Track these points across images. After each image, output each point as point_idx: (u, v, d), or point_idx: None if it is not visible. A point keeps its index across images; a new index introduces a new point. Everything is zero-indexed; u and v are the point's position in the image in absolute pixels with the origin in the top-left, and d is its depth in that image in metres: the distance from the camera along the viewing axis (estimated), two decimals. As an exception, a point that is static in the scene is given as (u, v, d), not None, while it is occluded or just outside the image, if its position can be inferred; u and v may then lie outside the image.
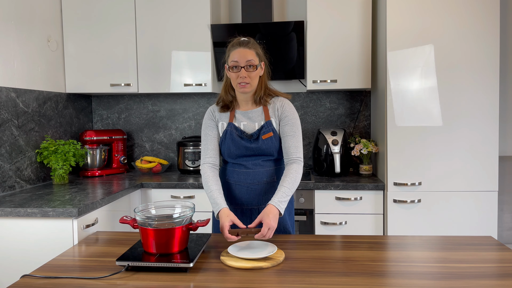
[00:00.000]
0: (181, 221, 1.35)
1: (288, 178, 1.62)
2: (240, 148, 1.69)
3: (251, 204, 1.73)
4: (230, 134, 1.70)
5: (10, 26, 2.31)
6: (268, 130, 1.68)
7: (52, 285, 1.19)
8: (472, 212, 2.38)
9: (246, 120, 1.72)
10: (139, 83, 2.82)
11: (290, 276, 1.23)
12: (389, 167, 2.41)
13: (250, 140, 1.68)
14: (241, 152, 1.70)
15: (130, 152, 3.22)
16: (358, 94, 3.01)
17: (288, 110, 1.71)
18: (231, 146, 1.70)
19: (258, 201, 1.72)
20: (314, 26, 2.67)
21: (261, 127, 1.68)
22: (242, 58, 1.62)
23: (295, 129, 1.69)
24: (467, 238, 1.56)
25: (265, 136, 1.67)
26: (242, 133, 1.69)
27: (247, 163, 1.71)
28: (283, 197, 1.57)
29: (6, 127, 2.26)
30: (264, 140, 1.67)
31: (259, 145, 1.67)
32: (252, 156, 1.71)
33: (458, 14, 2.33)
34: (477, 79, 2.34)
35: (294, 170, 1.64)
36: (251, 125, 1.71)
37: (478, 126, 2.36)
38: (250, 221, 1.71)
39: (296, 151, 1.68)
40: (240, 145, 1.69)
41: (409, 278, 1.20)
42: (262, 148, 1.68)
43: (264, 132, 1.67)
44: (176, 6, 2.76)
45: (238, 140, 1.69)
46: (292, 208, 1.83)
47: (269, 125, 1.69)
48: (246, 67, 1.62)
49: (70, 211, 1.78)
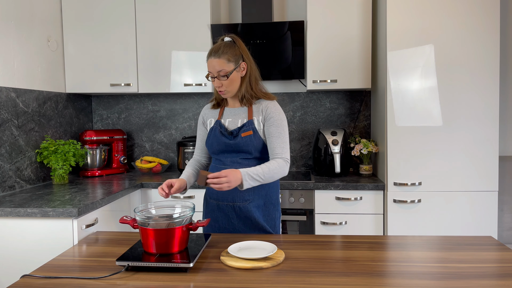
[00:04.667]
0: (181, 221, 1.35)
1: (268, 163, 1.65)
2: (220, 144, 1.75)
3: (226, 199, 1.76)
4: (214, 130, 1.78)
5: (10, 26, 2.31)
6: (249, 128, 1.72)
7: (52, 285, 1.19)
8: (472, 212, 2.38)
9: (231, 117, 1.78)
10: (139, 83, 2.82)
11: (290, 276, 1.23)
12: (389, 167, 2.41)
13: (229, 137, 1.73)
14: (221, 148, 1.75)
15: (130, 152, 3.22)
16: (358, 94, 3.01)
17: (274, 111, 1.73)
18: (213, 142, 1.77)
19: (233, 197, 1.75)
20: (314, 26, 2.67)
21: (242, 125, 1.73)
22: (212, 69, 1.68)
23: (281, 130, 1.72)
24: (467, 238, 1.56)
25: (245, 134, 1.71)
26: (225, 130, 1.75)
27: (226, 160, 1.76)
28: (253, 172, 1.59)
29: (6, 127, 2.26)
30: (243, 137, 1.71)
31: (237, 141, 1.71)
32: (232, 153, 1.75)
33: (458, 14, 2.33)
34: (477, 79, 2.34)
35: (277, 163, 1.66)
36: (235, 122, 1.76)
37: (478, 126, 2.36)
38: (228, 218, 1.77)
39: (282, 151, 1.70)
40: (220, 141, 1.75)
41: (409, 278, 1.20)
42: (240, 145, 1.72)
43: (244, 130, 1.72)
44: (176, 6, 2.76)
45: (219, 137, 1.75)
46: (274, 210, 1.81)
47: (250, 124, 1.72)
48: (219, 76, 1.68)
49: (70, 211, 1.78)
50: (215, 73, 1.68)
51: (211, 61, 1.68)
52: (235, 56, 1.69)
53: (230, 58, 1.67)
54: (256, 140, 1.72)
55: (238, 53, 1.70)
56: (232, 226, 1.77)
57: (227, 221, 1.78)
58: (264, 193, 1.77)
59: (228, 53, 1.67)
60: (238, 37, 1.75)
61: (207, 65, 1.70)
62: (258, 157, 1.76)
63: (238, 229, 1.77)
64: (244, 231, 1.77)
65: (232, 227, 1.77)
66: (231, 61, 1.67)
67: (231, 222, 1.77)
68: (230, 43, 1.72)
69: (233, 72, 1.68)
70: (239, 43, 1.73)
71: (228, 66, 1.67)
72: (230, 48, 1.69)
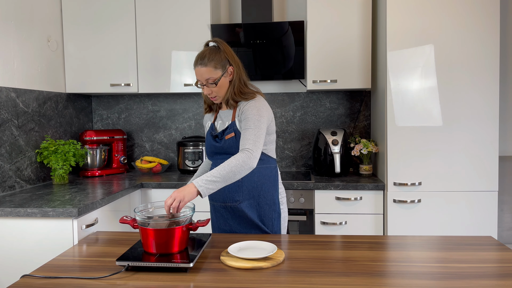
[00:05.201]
0: (181, 221, 1.35)
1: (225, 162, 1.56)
2: (211, 146, 1.80)
3: (218, 200, 1.79)
4: (208, 134, 1.83)
5: (10, 26, 2.31)
6: (231, 130, 1.73)
7: (52, 285, 1.19)
8: (472, 212, 2.38)
9: (222, 120, 1.82)
10: (139, 83, 2.82)
11: (290, 276, 1.23)
12: (389, 167, 2.41)
13: (216, 139, 1.78)
14: (211, 150, 1.80)
15: (130, 152, 3.22)
16: (358, 94, 3.01)
17: (248, 108, 1.69)
18: (207, 145, 1.84)
19: (223, 198, 1.77)
20: (314, 26, 2.67)
21: (226, 128, 1.76)
22: (201, 77, 1.69)
23: (250, 124, 1.65)
24: (467, 238, 1.56)
25: (228, 137, 1.73)
26: (214, 133, 1.80)
27: (216, 161, 1.79)
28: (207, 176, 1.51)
29: (6, 127, 2.26)
30: (227, 140, 1.73)
31: (222, 144, 1.75)
32: (219, 155, 1.78)
33: (458, 14, 2.33)
34: (477, 79, 2.34)
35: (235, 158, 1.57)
36: (223, 124, 1.80)
37: (478, 126, 2.36)
38: (224, 219, 1.80)
39: (245, 142, 1.62)
40: (210, 143, 1.80)
41: (409, 278, 1.20)
42: (224, 147, 1.75)
43: (227, 132, 1.74)
44: (176, 6, 2.76)
45: (210, 140, 1.80)
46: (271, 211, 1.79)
47: (233, 126, 1.74)
48: (207, 84, 1.69)
49: (70, 211, 1.78)
50: (203, 81, 1.68)
51: (198, 69, 1.68)
52: (221, 61, 1.68)
53: (217, 65, 1.67)
54: (239, 141, 1.70)
55: (223, 58, 1.68)
56: (229, 226, 1.79)
57: (224, 222, 1.80)
58: (257, 194, 1.75)
59: (214, 60, 1.66)
60: (223, 40, 1.75)
61: (195, 73, 1.70)
62: None
63: (234, 230, 1.78)
64: (240, 232, 1.77)
65: (229, 227, 1.79)
66: (218, 68, 1.67)
67: (227, 223, 1.79)
68: (215, 48, 1.70)
69: (221, 78, 1.68)
70: (224, 47, 1.71)
71: (216, 73, 1.67)
72: (216, 54, 1.68)
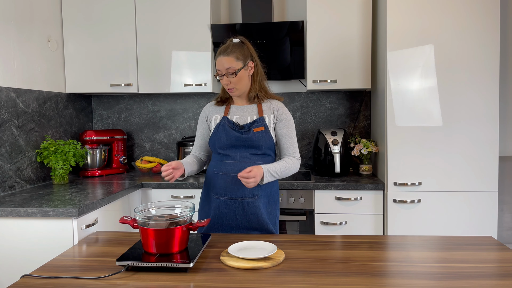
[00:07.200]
0: (181, 221, 1.35)
1: (284, 161, 1.77)
2: (231, 138, 1.77)
3: (235, 195, 1.77)
4: (223, 126, 1.80)
5: (10, 26, 2.31)
6: (260, 124, 1.77)
7: (52, 285, 1.19)
8: (472, 212, 2.38)
9: (239, 114, 1.82)
10: (139, 83, 2.82)
11: (290, 276, 1.23)
12: (389, 167, 2.41)
13: (241, 131, 1.77)
14: (231, 142, 1.78)
15: (130, 152, 3.22)
16: (358, 94, 3.01)
17: (285, 112, 1.84)
18: (222, 136, 1.79)
19: (242, 192, 1.77)
20: (314, 26, 2.67)
21: (253, 121, 1.78)
22: (221, 67, 1.74)
23: (292, 131, 1.84)
24: (467, 238, 1.56)
25: (257, 129, 1.76)
26: (235, 125, 1.79)
27: (235, 155, 1.79)
28: (272, 168, 1.71)
29: (6, 127, 2.26)
30: (255, 132, 1.76)
31: (250, 136, 1.76)
32: (241, 148, 1.78)
33: (458, 14, 2.33)
34: (477, 79, 2.34)
35: (291, 161, 1.80)
36: (243, 118, 1.81)
37: (478, 126, 2.36)
38: (234, 214, 1.77)
39: (294, 150, 1.84)
40: (231, 135, 1.77)
41: (409, 278, 1.20)
42: (252, 140, 1.76)
43: (256, 125, 1.77)
44: (176, 6, 2.76)
45: (229, 131, 1.78)
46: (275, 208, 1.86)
47: (262, 121, 1.78)
48: (227, 74, 1.74)
49: (70, 211, 1.78)
50: (223, 71, 1.74)
51: (220, 59, 1.74)
52: (244, 55, 1.75)
53: (239, 57, 1.74)
54: (267, 136, 1.77)
55: (246, 53, 1.77)
56: (236, 222, 1.78)
57: (232, 217, 1.78)
58: (269, 191, 1.82)
59: (237, 52, 1.74)
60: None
61: (216, 63, 1.77)
62: (266, 153, 1.81)
63: (241, 226, 1.77)
64: (247, 228, 1.77)
65: (236, 223, 1.78)
66: (239, 59, 1.74)
67: (235, 219, 1.78)
68: (239, 43, 1.79)
69: (241, 70, 1.75)
70: (247, 44, 1.80)
71: (237, 64, 1.73)
72: (239, 48, 1.76)
